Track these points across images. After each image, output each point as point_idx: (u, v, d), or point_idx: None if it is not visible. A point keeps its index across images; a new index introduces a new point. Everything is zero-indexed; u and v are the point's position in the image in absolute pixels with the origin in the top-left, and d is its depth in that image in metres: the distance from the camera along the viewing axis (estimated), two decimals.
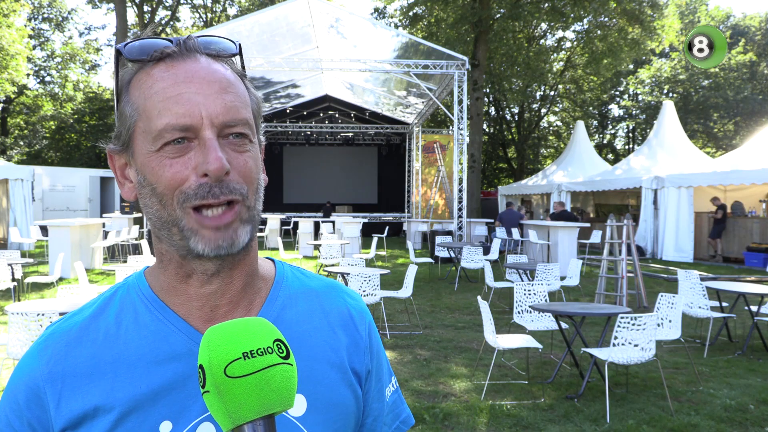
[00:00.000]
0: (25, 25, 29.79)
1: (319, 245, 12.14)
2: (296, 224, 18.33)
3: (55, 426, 0.70)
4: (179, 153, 0.69)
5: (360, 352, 0.82)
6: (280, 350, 0.61)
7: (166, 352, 0.73)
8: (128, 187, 0.76)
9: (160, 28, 28.28)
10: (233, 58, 0.76)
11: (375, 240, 13.72)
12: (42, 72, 33.76)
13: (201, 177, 0.68)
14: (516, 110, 35.12)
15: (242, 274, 0.76)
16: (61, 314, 4.39)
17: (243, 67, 0.78)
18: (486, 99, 30.00)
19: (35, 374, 0.72)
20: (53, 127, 32.76)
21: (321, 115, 25.72)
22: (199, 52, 0.72)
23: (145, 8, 27.92)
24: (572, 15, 21.54)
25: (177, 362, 0.72)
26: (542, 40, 29.87)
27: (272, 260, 0.86)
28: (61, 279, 10.31)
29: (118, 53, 0.73)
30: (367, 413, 0.83)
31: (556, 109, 37.60)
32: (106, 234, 14.35)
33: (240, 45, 0.77)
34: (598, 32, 22.77)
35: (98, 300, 0.78)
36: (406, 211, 25.44)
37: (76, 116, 32.40)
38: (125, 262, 11.74)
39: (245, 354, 0.59)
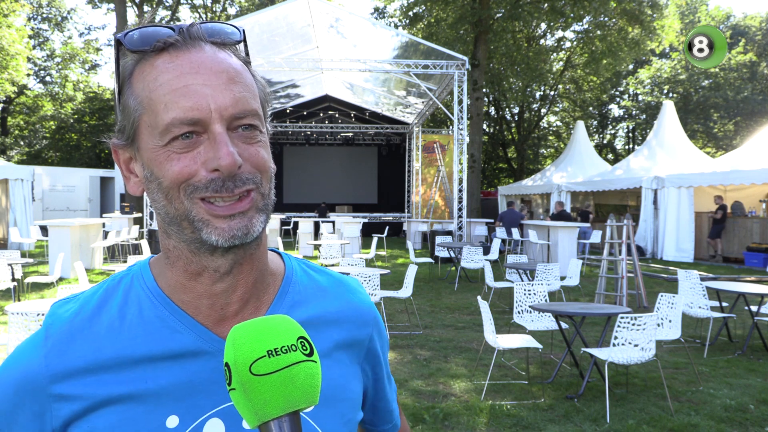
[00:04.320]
0: (25, 25, 29.78)
1: (319, 245, 12.14)
2: (296, 224, 18.33)
3: (56, 419, 0.69)
4: (188, 148, 0.67)
5: (363, 350, 0.84)
6: (304, 347, 0.61)
7: (173, 349, 0.72)
8: (134, 181, 0.74)
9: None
10: (237, 45, 0.73)
11: (375, 240, 13.72)
12: (42, 72, 33.75)
13: (211, 172, 0.66)
14: (516, 110, 35.12)
15: (253, 269, 0.75)
16: None
17: (247, 54, 0.75)
18: (486, 99, 29.99)
19: (33, 366, 0.70)
20: (53, 127, 32.75)
21: (321, 115, 25.71)
22: (204, 40, 0.70)
23: (145, 8, 27.93)
24: (572, 15, 21.54)
25: (185, 360, 0.72)
26: (542, 40, 29.85)
27: (279, 253, 0.85)
28: (61, 279, 10.31)
29: (119, 43, 0.70)
30: (368, 408, 0.87)
31: (556, 109, 37.60)
32: (106, 234, 14.35)
33: (244, 31, 0.74)
34: (598, 32, 22.77)
35: (100, 290, 0.76)
36: (406, 211, 25.43)
37: (76, 116, 32.38)
38: (125, 262, 11.75)
39: (270, 352, 0.59)
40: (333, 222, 18.61)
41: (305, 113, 25.23)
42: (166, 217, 0.70)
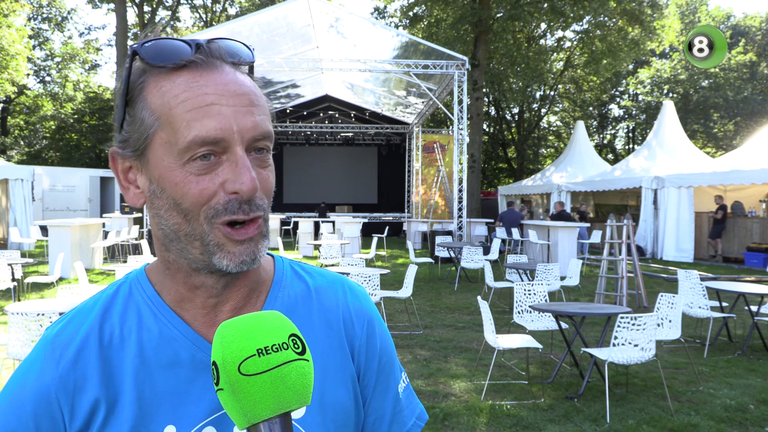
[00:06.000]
0: (25, 25, 29.76)
1: (319, 245, 12.15)
2: (296, 224, 18.33)
3: (67, 430, 0.70)
4: (206, 170, 0.67)
5: (356, 352, 0.81)
6: (296, 345, 0.59)
7: (170, 357, 0.72)
8: (135, 193, 0.73)
9: (161, 28, 28.26)
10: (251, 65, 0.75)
11: (375, 240, 13.72)
12: (42, 72, 33.75)
13: (230, 194, 0.67)
14: (516, 110, 35.12)
15: (248, 282, 0.77)
16: (61, 314, 4.38)
17: (252, 70, 0.76)
18: (486, 99, 29.99)
19: (45, 379, 0.71)
20: (53, 127, 32.74)
21: (321, 115, 25.72)
22: (223, 60, 0.70)
23: (145, 8, 27.92)
24: (572, 15, 21.54)
25: (180, 367, 0.72)
26: (542, 40, 29.86)
27: (272, 257, 0.85)
28: (61, 279, 10.31)
29: (134, 54, 0.69)
30: (368, 412, 0.82)
31: (556, 109, 37.60)
32: (106, 234, 14.35)
33: (254, 51, 0.76)
34: (598, 32, 22.77)
35: (100, 300, 0.77)
36: (406, 211, 25.44)
37: (76, 116, 32.38)
38: (125, 262, 11.75)
39: (260, 351, 0.57)
40: (333, 222, 18.61)
41: (305, 113, 25.23)
42: (172, 234, 0.70)
